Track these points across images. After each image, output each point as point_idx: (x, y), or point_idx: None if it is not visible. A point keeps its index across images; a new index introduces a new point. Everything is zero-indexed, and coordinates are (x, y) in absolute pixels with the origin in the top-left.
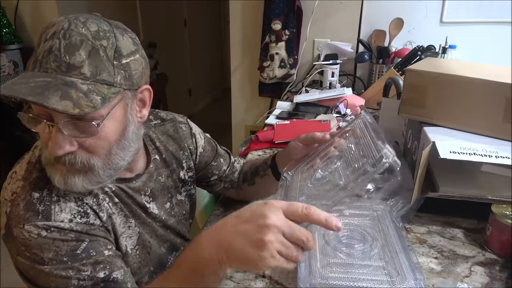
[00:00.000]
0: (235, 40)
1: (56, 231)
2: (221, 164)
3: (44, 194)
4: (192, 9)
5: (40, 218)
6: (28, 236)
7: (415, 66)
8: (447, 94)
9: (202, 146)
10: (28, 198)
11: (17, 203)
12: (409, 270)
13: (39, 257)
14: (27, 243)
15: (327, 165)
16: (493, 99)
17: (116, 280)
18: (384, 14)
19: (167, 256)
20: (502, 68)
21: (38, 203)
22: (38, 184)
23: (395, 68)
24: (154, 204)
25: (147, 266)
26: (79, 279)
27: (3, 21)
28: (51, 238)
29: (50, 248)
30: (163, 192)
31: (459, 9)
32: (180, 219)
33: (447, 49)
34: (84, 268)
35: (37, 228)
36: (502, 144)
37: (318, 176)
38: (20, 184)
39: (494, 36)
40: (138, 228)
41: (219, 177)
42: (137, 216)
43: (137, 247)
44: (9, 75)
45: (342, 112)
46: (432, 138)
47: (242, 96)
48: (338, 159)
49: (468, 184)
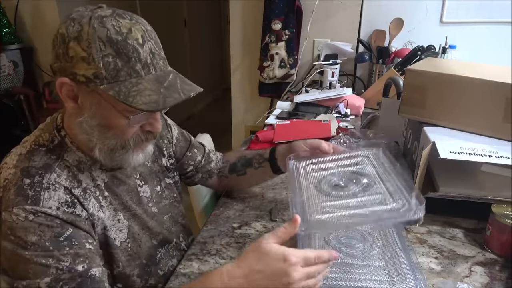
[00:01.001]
0: (235, 40)
1: (42, 216)
2: (195, 155)
3: (35, 181)
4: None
5: (29, 202)
6: (16, 219)
7: (415, 66)
8: (447, 94)
9: (176, 137)
10: (19, 183)
11: (8, 188)
12: (409, 270)
13: (22, 240)
14: (13, 226)
15: (349, 177)
16: (493, 99)
17: (94, 277)
18: (384, 14)
19: (157, 248)
20: (502, 68)
21: (29, 188)
22: (30, 171)
23: (395, 68)
24: (146, 187)
25: (139, 259)
26: (58, 269)
27: (3, 21)
28: (37, 222)
29: (35, 232)
30: (152, 175)
31: (459, 9)
32: (172, 202)
33: (447, 49)
34: (64, 258)
35: (25, 212)
36: (502, 144)
37: (336, 182)
38: (11, 171)
39: (494, 36)
40: (127, 221)
41: (195, 167)
42: (127, 208)
43: (128, 240)
44: (9, 75)
45: (342, 112)
46: (432, 138)
47: (242, 96)
48: (363, 178)
49: (468, 184)
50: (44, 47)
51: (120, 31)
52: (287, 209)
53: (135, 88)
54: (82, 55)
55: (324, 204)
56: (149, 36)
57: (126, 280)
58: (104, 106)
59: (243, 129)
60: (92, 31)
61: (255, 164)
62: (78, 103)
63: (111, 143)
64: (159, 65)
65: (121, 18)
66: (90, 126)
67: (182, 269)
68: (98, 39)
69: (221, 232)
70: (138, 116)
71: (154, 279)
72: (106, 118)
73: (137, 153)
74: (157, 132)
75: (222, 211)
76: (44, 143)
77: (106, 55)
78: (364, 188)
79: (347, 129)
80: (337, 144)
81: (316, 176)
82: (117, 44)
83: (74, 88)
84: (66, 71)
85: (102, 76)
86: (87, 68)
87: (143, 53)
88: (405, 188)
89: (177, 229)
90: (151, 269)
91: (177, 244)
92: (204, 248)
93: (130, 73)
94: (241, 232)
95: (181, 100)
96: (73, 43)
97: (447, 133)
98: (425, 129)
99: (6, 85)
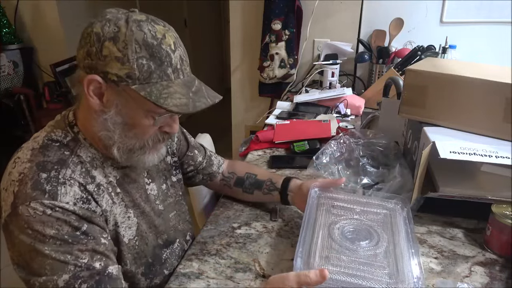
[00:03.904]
0: (235, 40)
1: (60, 211)
2: (196, 156)
3: (51, 175)
4: (192, 9)
5: (46, 197)
6: (33, 213)
7: (415, 66)
8: (447, 94)
9: (177, 136)
10: (36, 177)
11: (25, 182)
12: (409, 269)
13: (41, 234)
14: (31, 220)
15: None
16: (493, 99)
17: (111, 275)
18: (384, 14)
19: (163, 248)
20: (502, 68)
21: (46, 183)
22: (46, 166)
23: (395, 68)
24: (153, 185)
25: (145, 257)
26: (76, 266)
27: (3, 21)
28: (55, 217)
29: (53, 226)
30: (159, 174)
31: (459, 9)
32: (177, 200)
33: (447, 49)
34: (82, 255)
35: (43, 206)
36: (502, 144)
37: (349, 234)
38: (27, 166)
39: (494, 36)
40: (136, 219)
41: (196, 168)
42: (136, 205)
43: (136, 238)
44: (9, 75)
45: (342, 112)
46: (432, 138)
47: (242, 96)
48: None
49: (468, 184)
50: (44, 47)
51: (155, 36)
52: (287, 209)
53: (166, 90)
54: (116, 55)
55: (330, 255)
56: (179, 43)
57: (132, 278)
58: (131, 106)
59: (243, 129)
60: (129, 33)
61: (265, 189)
62: (103, 101)
63: (131, 143)
64: (186, 71)
65: (156, 24)
66: (114, 123)
67: (182, 269)
68: (135, 42)
69: (221, 232)
70: (163, 117)
71: (159, 278)
72: (131, 117)
73: (153, 154)
74: (174, 133)
75: (222, 211)
76: (57, 139)
77: (141, 57)
78: (374, 253)
79: (347, 129)
80: (337, 145)
81: (335, 214)
82: (152, 48)
83: (102, 86)
84: (97, 69)
85: (135, 77)
86: (121, 68)
87: (174, 58)
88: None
89: (184, 226)
90: (156, 268)
91: (182, 245)
92: (204, 248)
93: (162, 76)
94: (241, 232)
95: (208, 105)
96: (108, 43)
97: (447, 133)
98: (425, 129)
99: (6, 85)
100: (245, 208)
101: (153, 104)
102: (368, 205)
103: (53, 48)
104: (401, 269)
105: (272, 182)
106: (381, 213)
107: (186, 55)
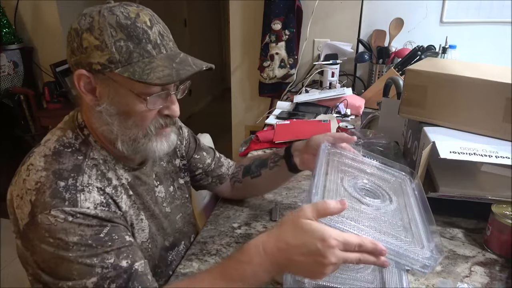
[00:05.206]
0: (235, 40)
1: (81, 217)
2: (204, 158)
3: (69, 183)
4: (192, 9)
5: (67, 204)
6: (54, 221)
7: (415, 66)
8: (447, 94)
9: (186, 138)
10: (54, 186)
11: (43, 190)
12: (425, 235)
13: (63, 242)
14: (52, 229)
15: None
16: (493, 99)
17: (137, 271)
18: (384, 14)
19: (169, 250)
20: (502, 68)
21: (64, 191)
22: (62, 174)
23: (395, 68)
24: (161, 187)
25: (153, 260)
26: (103, 267)
27: (3, 21)
28: (77, 223)
29: (76, 232)
30: (166, 176)
31: (459, 9)
32: (184, 202)
33: (447, 49)
34: (107, 256)
35: (64, 213)
36: (502, 144)
37: (363, 186)
38: (43, 174)
39: (494, 36)
40: (147, 221)
41: (204, 171)
42: (147, 208)
43: (149, 241)
44: (9, 75)
45: (342, 112)
46: (432, 138)
47: (242, 96)
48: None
49: (468, 184)
50: (44, 47)
51: (128, 16)
52: (287, 209)
53: (148, 66)
54: (95, 43)
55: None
56: (156, 20)
57: None
58: (121, 93)
59: (243, 129)
60: (102, 19)
61: (270, 163)
62: (96, 95)
63: (133, 133)
64: (169, 46)
65: (128, 5)
66: (110, 115)
67: (182, 269)
68: (109, 26)
69: (221, 232)
70: (154, 97)
71: (165, 280)
72: (125, 104)
73: (161, 141)
74: (175, 115)
75: (222, 211)
76: (68, 143)
77: (118, 39)
78: (387, 211)
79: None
80: None
81: (345, 171)
82: (127, 28)
83: (91, 79)
84: (82, 63)
85: (116, 60)
86: (101, 55)
87: (152, 34)
88: (425, 234)
89: (189, 229)
90: (162, 270)
91: (187, 246)
92: (204, 248)
93: (142, 53)
94: (241, 232)
95: (193, 71)
96: (86, 34)
97: (447, 133)
98: (425, 129)
99: (6, 85)
100: (245, 208)
101: (138, 82)
102: (379, 169)
103: (53, 48)
104: (415, 231)
105: (276, 153)
106: (390, 179)
107: (167, 31)
